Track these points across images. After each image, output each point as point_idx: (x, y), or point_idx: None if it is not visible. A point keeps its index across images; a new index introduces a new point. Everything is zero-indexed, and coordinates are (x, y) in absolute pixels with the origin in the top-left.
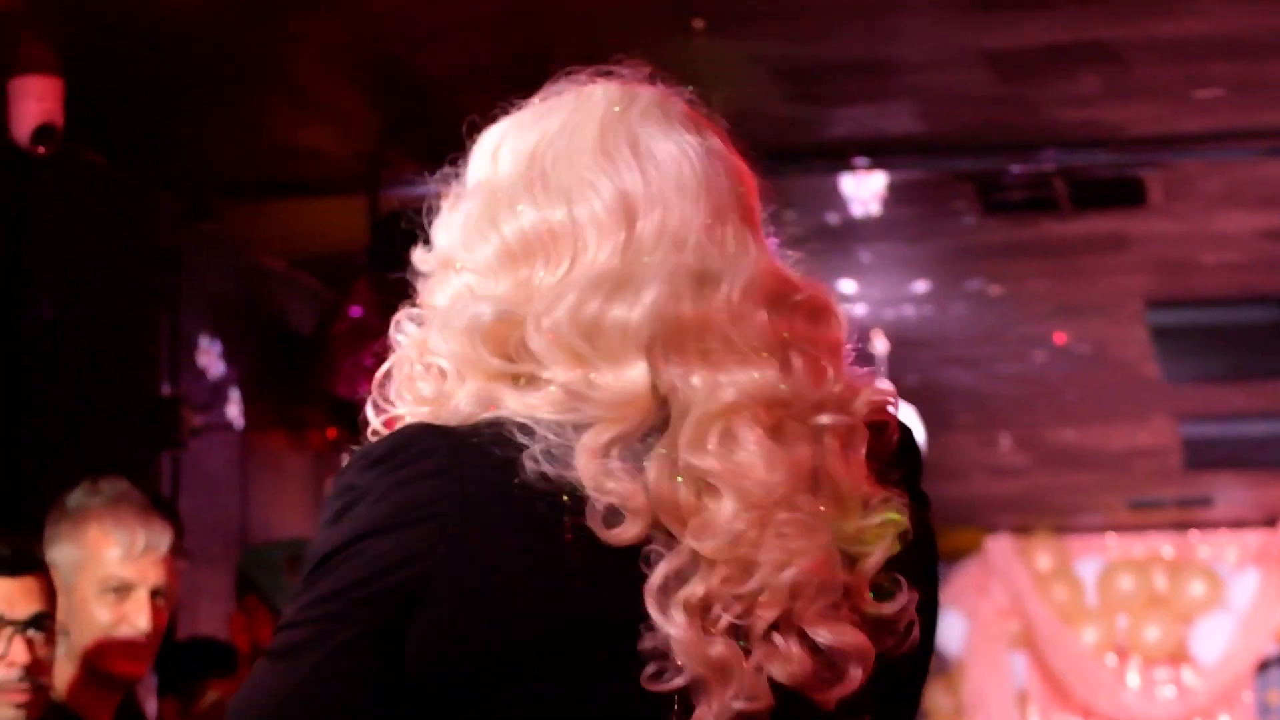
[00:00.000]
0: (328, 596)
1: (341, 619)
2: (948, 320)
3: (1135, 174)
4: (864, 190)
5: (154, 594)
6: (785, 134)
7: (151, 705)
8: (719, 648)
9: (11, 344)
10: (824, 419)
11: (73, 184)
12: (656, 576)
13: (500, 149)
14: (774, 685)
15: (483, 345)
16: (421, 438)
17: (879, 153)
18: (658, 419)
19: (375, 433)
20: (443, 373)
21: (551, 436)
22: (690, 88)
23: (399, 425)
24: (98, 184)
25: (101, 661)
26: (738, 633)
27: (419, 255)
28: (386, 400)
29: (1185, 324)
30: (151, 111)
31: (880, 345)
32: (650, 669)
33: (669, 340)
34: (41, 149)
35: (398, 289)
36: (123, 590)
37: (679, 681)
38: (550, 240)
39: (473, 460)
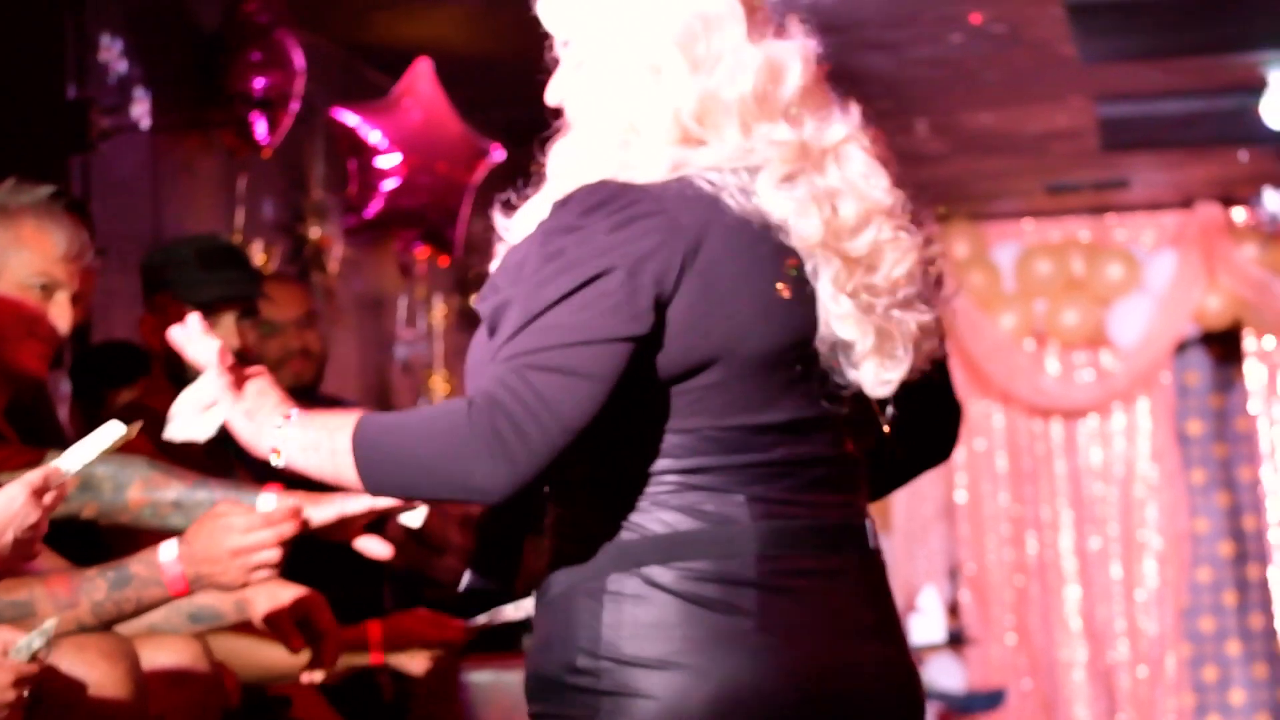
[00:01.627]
0: (593, 303)
1: (615, 321)
2: (863, 3)
3: None
4: None
5: (74, 299)
6: None
7: (63, 411)
8: (870, 320)
9: None
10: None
11: None
12: (823, 277)
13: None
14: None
15: (674, 124)
16: (626, 191)
17: None
18: (807, 161)
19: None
20: (627, 144)
21: (734, 180)
22: None
23: (580, 184)
24: None
25: (8, 354)
26: (876, 312)
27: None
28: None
29: (1102, 1)
30: None
31: (795, 29)
32: (824, 346)
33: (794, 103)
34: None
35: None
36: (49, 288)
37: (843, 356)
38: (704, 32)
39: (675, 202)
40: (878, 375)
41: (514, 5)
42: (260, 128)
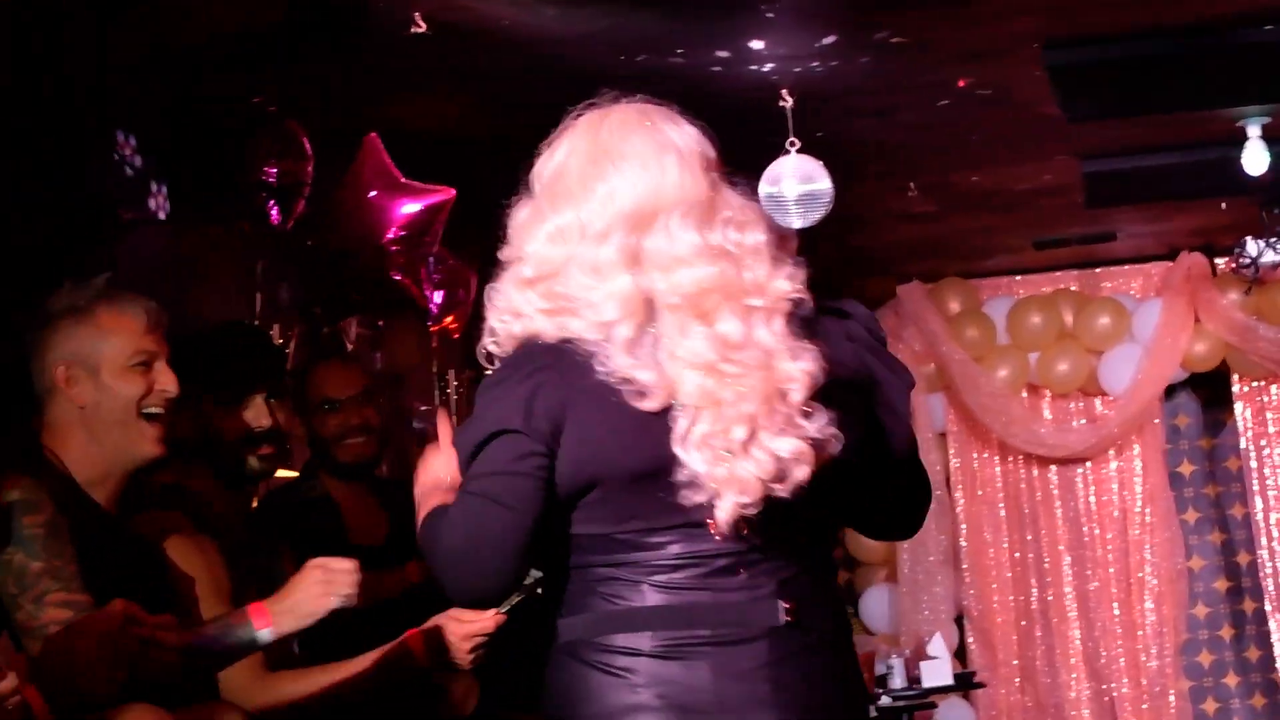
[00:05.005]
0: (508, 446)
1: (531, 448)
2: (854, 73)
3: None
4: None
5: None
6: None
7: None
8: (722, 468)
9: None
10: (751, 301)
11: None
12: (677, 429)
13: (537, 173)
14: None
15: (543, 299)
16: (538, 351)
17: None
18: (650, 315)
19: (493, 347)
20: (522, 315)
21: (599, 348)
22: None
23: (518, 342)
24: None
25: (125, 442)
26: (729, 452)
27: (503, 251)
28: (493, 331)
29: (1082, 62)
30: None
31: (788, 101)
32: (684, 488)
33: (636, 263)
34: None
35: (306, 72)
36: (149, 361)
37: (699, 497)
38: (572, 230)
39: (566, 364)
40: (729, 509)
41: (514, 90)
42: (275, 214)
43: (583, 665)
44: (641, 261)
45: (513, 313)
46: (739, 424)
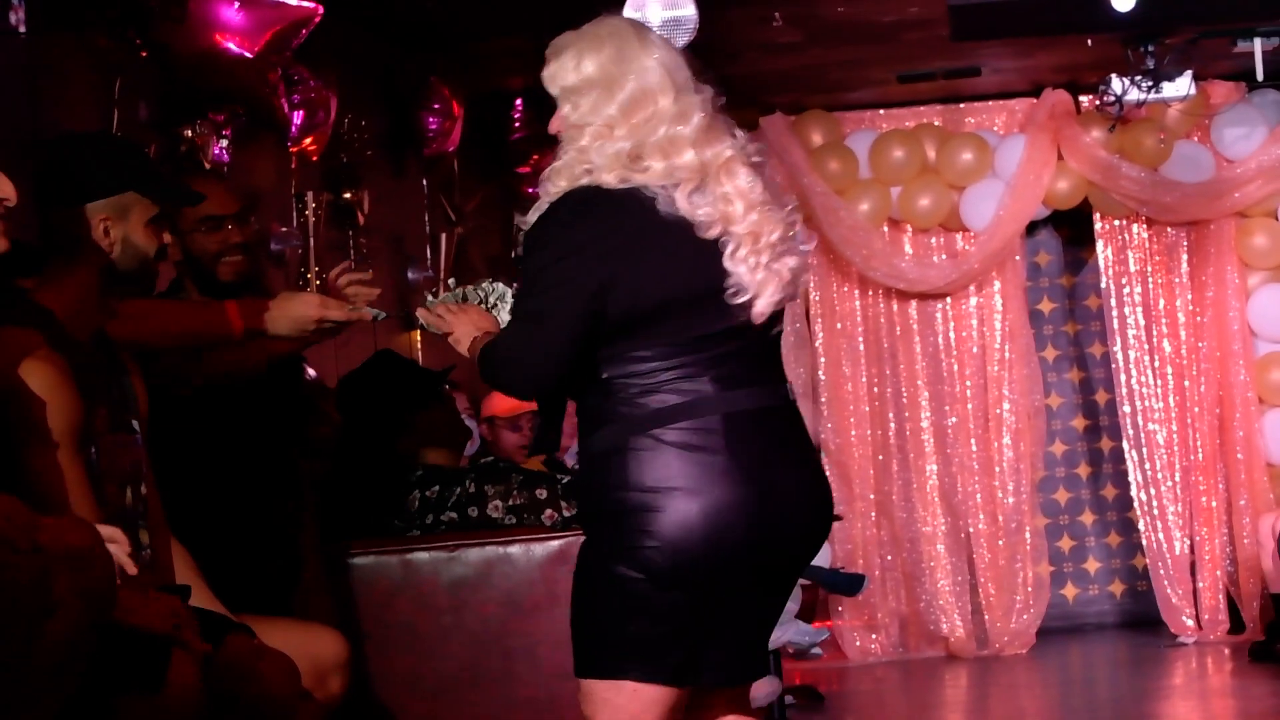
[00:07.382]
0: (566, 269)
1: (578, 278)
2: None
3: None
4: None
5: None
6: None
7: None
8: (760, 273)
9: None
10: (756, 159)
11: None
12: (728, 248)
13: (584, 62)
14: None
15: (618, 160)
16: (596, 193)
17: None
18: (706, 175)
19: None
20: (589, 170)
21: (662, 192)
22: None
23: (569, 190)
24: None
25: None
26: (762, 266)
27: (556, 120)
28: (551, 180)
29: None
30: None
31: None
32: (731, 291)
33: (697, 140)
34: None
35: None
36: None
37: (745, 296)
38: (641, 102)
39: (628, 205)
40: (766, 303)
41: None
42: (133, 28)
43: (661, 444)
44: (709, 138)
45: (588, 168)
46: (768, 250)
